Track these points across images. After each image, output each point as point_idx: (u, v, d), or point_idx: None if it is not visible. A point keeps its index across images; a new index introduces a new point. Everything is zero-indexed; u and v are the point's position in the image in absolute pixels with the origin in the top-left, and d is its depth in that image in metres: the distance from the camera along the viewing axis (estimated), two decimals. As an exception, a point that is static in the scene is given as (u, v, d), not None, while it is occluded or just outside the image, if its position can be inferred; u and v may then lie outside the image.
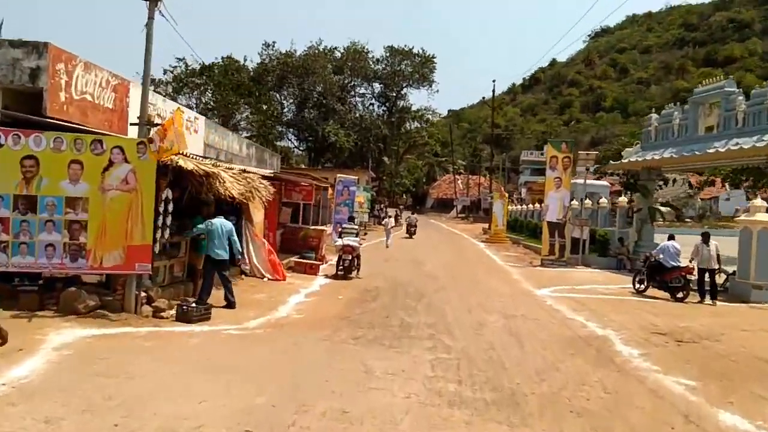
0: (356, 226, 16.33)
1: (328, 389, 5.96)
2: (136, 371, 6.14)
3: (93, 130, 9.19)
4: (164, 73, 41.17)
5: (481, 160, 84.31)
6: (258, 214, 13.70)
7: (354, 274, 15.45)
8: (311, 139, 51.54)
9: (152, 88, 33.38)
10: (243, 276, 13.33)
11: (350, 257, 15.12)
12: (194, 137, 14.60)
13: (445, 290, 14.21)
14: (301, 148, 54.81)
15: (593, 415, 5.73)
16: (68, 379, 5.77)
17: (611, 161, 23.85)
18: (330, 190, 27.55)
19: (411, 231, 34.44)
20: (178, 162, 8.53)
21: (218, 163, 10.87)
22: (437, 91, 57.82)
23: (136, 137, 8.65)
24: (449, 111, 75.20)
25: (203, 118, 15.92)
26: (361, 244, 15.96)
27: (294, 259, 16.23)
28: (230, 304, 9.89)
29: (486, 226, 48.05)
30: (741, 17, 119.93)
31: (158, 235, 8.72)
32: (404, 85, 52.87)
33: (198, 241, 10.47)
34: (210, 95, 43.08)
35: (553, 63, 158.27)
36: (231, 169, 11.16)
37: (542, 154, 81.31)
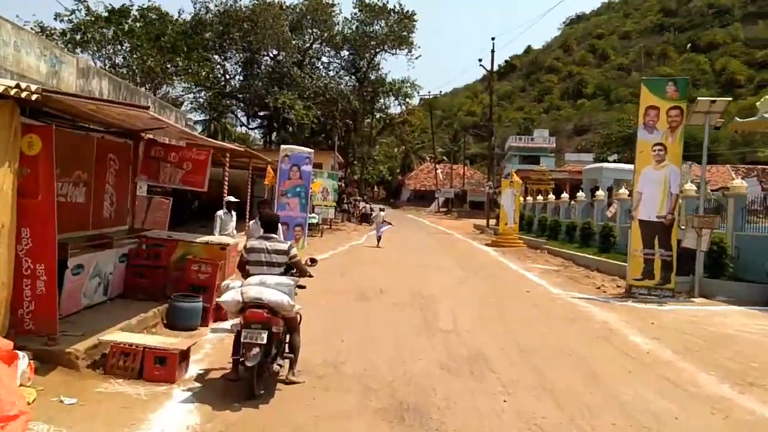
0: (287, 249, 5.74)
1: None
2: None
3: None
4: (57, 19, 29.49)
5: (463, 148, 74.93)
6: None
7: (285, 372, 5.64)
8: (263, 115, 40.97)
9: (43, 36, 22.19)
10: None
11: (261, 341, 5.07)
12: None
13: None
14: (251, 126, 43.99)
15: None
16: None
17: (736, 118, 14.31)
18: (271, 173, 17.65)
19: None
20: None
21: None
22: (418, 57, 46.12)
23: None
24: (421, 99, 64.39)
25: None
26: (295, 294, 5.81)
27: (112, 338, 5.83)
28: None
29: (479, 223, 38.95)
30: (721, 2, 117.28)
31: None
32: (378, 50, 42.58)
33: None
34: (124, 53, 32.23)
35: (529, 50, 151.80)
36: None
37: (532, 139, 72.18)
